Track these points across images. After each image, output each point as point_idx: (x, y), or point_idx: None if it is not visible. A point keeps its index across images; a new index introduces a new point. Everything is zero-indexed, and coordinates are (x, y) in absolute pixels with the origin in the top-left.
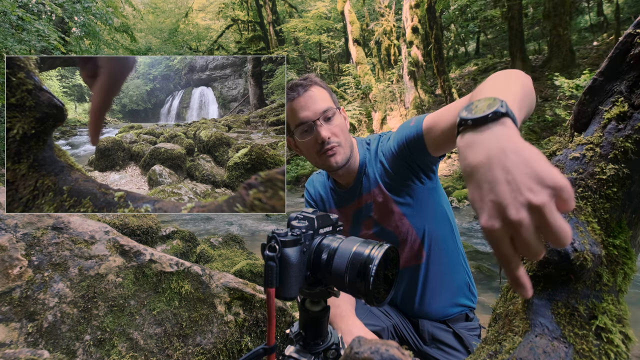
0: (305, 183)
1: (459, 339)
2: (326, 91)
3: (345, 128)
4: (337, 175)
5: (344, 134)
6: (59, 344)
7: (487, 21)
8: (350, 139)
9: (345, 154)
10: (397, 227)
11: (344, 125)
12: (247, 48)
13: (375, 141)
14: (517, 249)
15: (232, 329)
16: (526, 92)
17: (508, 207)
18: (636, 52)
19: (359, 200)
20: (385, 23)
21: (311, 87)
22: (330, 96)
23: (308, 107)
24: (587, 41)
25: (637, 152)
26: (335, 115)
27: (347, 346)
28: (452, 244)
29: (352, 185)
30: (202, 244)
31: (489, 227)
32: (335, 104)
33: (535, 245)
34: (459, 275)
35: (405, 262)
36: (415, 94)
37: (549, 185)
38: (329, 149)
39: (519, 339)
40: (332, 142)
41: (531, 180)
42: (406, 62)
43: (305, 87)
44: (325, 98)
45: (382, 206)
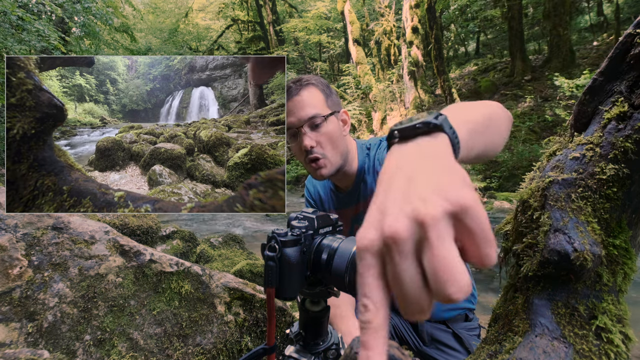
0: (306, 180)
1: (459, 340)
2: (322, 94)
3: (337, 135)
4: (335, 179)
5: (332, 143)
6: (59, 344)
7: (487, 21)
8: (345, 146)
9: (333, 166)
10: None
11: (336, 132)
12: (247, 48)
13: (375, 147)
14: (387, 284)
15: (232, 329)
16: (492, 121)
17: (387, 216)
18: (636, 52)
19: (357, 206)
20: (385, 23)
21: (302, 91)
22: (327, 99)
23: (294, 112)
24: (587, 41)
25: (637, 152)
26: (323, 123)
27: (347, 346)
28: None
29: (351, 189)
30: (202, 244)
31: (358, 239)
32: (331, 108)
33: (408, 283)
34: None
35: None
36: (415, 94)
37: (448, 199)
38: (312, 159)
39: (519, 339)
40: (316, 152)
41: (430, 190)
42: (406, 62)
43: (296, 89)
44: (317, 103)
45: None
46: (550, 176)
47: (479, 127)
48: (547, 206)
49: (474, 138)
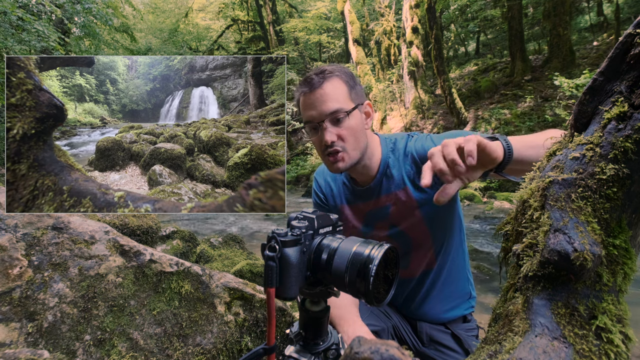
0: (315, 173)
1: (457, 340)
2: (346, 86)
3: (359, 129)
4: (354, 172)
5: (354, 137)
6: (59, 344)
7: (487, 21)
8: (365, 140)
9: (352, 159)
10: (415, 232)
11: (358, 126)
12: (247, 48)
13: (402, 140)
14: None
15: (232, 329)
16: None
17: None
18: (636, 52)
19: (377, 201)
20: (385, 23)
21: (325, 83)
22: (351, 92)
23: (315, 106)
24: (587, 41)
25: (637, 152)
26: (346, 118)
27: (347, 346)
28: (461, 253)
29: (371, 185)
30: (202, 244)
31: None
32: (354, 101)
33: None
34: (462, 283)
35: (415, 267)
36: (415, 94)
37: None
38: (332, 152)
39: (519, 339)
40: (337, 146)
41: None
42: (406, 62)
43: (319, 81)
44: (339, 96)
45: (404, 209)
46: (550, 176)
47: (532, 143)
48: (547, 206)
49: (527, 151)
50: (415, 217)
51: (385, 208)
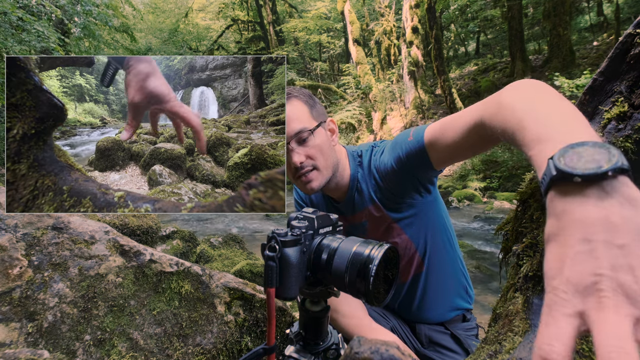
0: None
1: (457, 341)
2: (305, 106)
3: (326, 147)
4: (327, 190)
5: (322, 155)
6: (59, 344)
7: (487, 21)
8: (335, 156)
9: (324, 177)
10: (396, 242)
11: (325, 143)
12: (247, 48)
13: (367, 154)
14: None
15: (232, 329)
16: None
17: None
18: (636, 52)
19: (353, 217)
20: (385, 23)
21: (285, 106)
22: (311, 110)
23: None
24: (587, 41)
25: (637, 152)
26: (311, 136)
27: (347, 346)
28: (450, 251)
29: (345, 200)
30: (202, 244)
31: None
32: (316, 119)
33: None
34: (457, 280)
35: (404, 273)
36: (415, 94)
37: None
38: (302, 174)
39: (519, 339)
40: (306, 165)
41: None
42: (406, 62)
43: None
44: (301, 116)
45: (379, 223)
46: None
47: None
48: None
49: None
50: (393, 229)
51: (362, 224)
